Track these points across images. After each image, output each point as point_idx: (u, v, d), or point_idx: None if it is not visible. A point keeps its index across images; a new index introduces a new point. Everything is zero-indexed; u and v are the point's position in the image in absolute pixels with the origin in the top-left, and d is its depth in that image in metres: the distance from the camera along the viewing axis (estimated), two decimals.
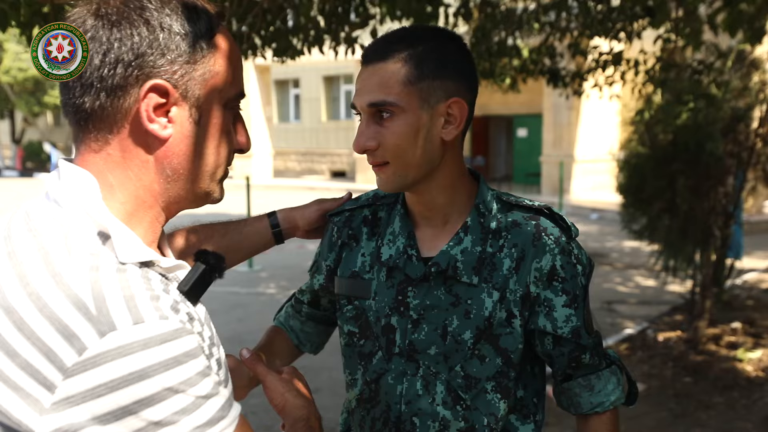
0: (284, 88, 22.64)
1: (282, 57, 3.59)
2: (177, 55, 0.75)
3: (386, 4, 3.88)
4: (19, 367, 0.66)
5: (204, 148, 0.80)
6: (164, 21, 0.75)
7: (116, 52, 0.73)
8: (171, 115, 0.76)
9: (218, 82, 0.79)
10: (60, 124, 29.71)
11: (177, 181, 0.79)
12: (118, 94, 0.74)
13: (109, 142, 0.76)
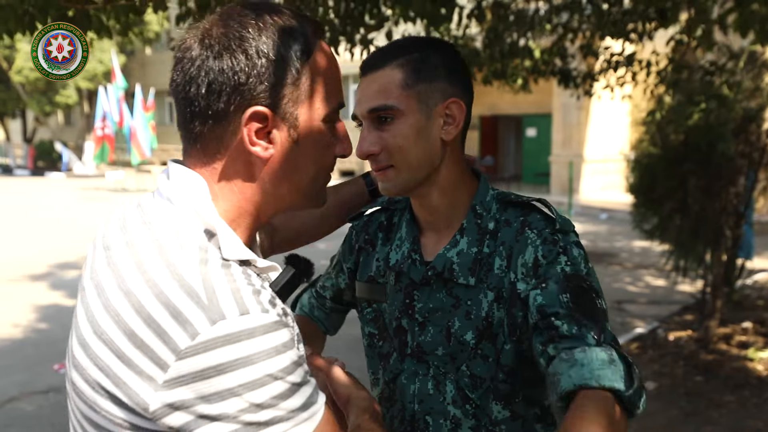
0: None
1: None
2: (275, 81, 0.80)
3: (400, 6, 3.92)
4: (135, 346, 0.73)
5: (303, 163, 0.86)
6: (262, 49, 0.79)
7: (219, 82, 0.79)
8: (271, 137, 0.82)
9: (315, 101, 0.84)
10: (71, 123, 29.91)
11: (277, 193, 0.86)
12: (223, 122, 0.81)
13: (216, 160, 0.83)
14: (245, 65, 0.79)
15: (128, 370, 0.73)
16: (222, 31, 0.80)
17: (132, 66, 25.57)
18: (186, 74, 0.81)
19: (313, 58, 0.84)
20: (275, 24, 0.81)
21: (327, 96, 0.86)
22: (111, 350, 0.74)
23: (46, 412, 4.09)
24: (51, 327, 5.89)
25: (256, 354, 0.73)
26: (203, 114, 0.81)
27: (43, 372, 4.74)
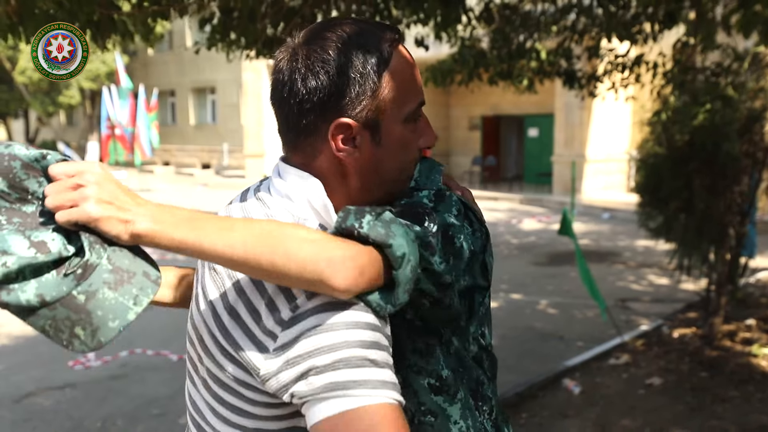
0: None
1: None
2: (355, 94, 0.91)
3: (411, 9, 4.00)
4: (253, 320, 0.87)
5: (388, 161, 0.96)
6: (342, 68, 0.90)
7: (307, 101, 0.91)
8: (356, 142, 0.93)
9: (395, 106, 0.94)
10: (73, 123, 29.98)
11: (369, 186, 0.97)
12: (313, 134, 0.94)
13: (311, 164, 0.96)
14: (328, 84, 0.90)
15: (247, 340, 0.87)
16: (306, 53, 0.91)
17: (135, 66, 25.65)
18: (280, 93, 0.93)
19: (390, 68, 0.93)
20: (353, 42, 0.91)
21: (405, 98, 0.95)
22: (237, 323, 0.88)
23: (64, 407, 4.17)
24: None
25: (339, 323, 0.83)
26: (297, 127, 0.94)
27: (59, 368, 4.82)
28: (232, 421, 0.94)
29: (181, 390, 4.66)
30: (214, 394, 0.95)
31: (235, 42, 3.32)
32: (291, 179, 0.96)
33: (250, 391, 0.90)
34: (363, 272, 0.80)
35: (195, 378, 1.01)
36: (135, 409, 4.12)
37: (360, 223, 0.83)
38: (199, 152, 25.63)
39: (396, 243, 0.82)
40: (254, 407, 0.92)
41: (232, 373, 0.91)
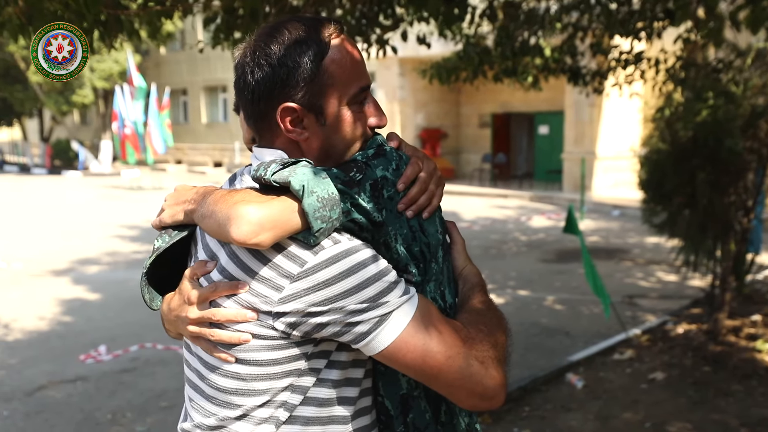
0: None
1: None
2: (295, 82, 1.04)
3: (414, 6, 4.04)
4: (258, 280, 1.01)
5: (335, 139, 1.10)
6: (282, 59, 1.04)
7: (256, 91, 1.06)
8: (304, 124, 1.07)
9: (336, 90, 1.06)
10: (86, 122, 30.25)
11: (323, 160, 1.10)
12: (267, 119, 1.09)
13: (274, 142, 1.11)
14: (271, 75, 1.04)
15: (252, 296, 1.01)
16: (253, 50, 1.06)
17: (147, 65, 25.84)
18: (238, 86, 1.09)
19: (327, 58, 1.05)
20: (292, 37, 1.05)
21: (347, 83, 1.07)
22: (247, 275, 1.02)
23: (75, 400, 4.26)
24: (75, 320, 6.08)
25: (356, 265, 0.99)
26: (254, 115, 1.10)
27: (70, 362, 4.92)
28: (226, 370, 1.05)
29: None
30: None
31: (240, 41, 3.37)
32: (260, 153, 1.11)
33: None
34: (260, 223, 0.95)
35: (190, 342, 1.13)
36: (144, 402, 4.20)
37: (266, 172, 0.99)
38: (211, 150, 25.79)
39: (294, 179, 0.97)
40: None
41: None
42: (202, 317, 1.04)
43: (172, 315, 1.09)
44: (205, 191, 1.08)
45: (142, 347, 5.24)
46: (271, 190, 0.99)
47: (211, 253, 1.06)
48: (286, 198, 0.97)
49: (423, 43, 3.96)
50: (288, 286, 0.98)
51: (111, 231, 11.24)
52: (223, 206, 0.99)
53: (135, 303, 6.61)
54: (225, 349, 1.03)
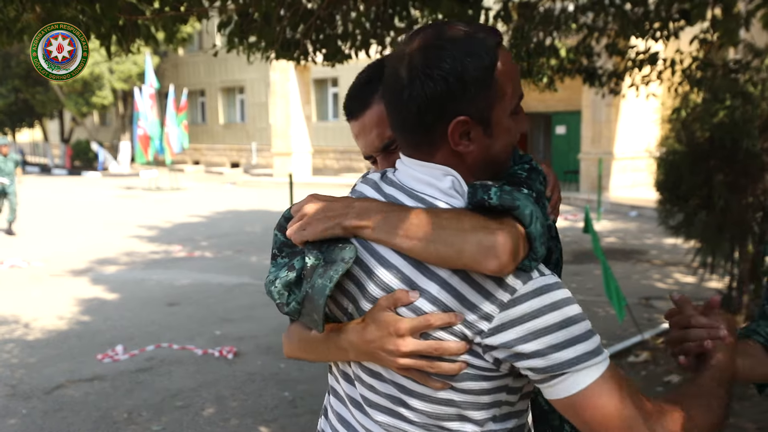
0: (323, 87, 22.96)
1: (332, 61, 3.80)
2: (470, 95, 1.01)
3: (428, 8, 4.05)
4: (466, 307, 0.99)
5: (497, 149, 1.08)
6: (457, 72, 0.99)
7: (425, 104, 1.01)
8: (471, 136, 1.04)
9: (503, 101, 1.04)
10: (106, 123, 30.61)
11: (478, 172, 1.08)
12: (432, 133, 1.04)
13: (433, 155, 1.06)
14: (443, 89, 1.00)
15: (463, 326, 0.98)
16: (424, 61, 1.01)
17: (165, 67, 26.08)
18: (399, 97, 1.03)
19: (497, 69, 1.02)
20: (465, 49, 1.00)
21: (512, 94, 1.05)
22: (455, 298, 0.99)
23: (92, 398, 4.31)
24: (93, 319, 6.16)
25: (561, 300, 0.98)
26: (416, 127, 1.04)
27: (88, 361, 4.99)
28: (436, 398, 1.04)
29: (204, 383, 4.75)
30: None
31: (254, 44, 3.41)
32: (426, 170, 1.06)
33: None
34: (512, 253, 0.94)
35: (374, 368, 1.09)
36: (160, 402, 4.25)
37: (488, 195, 0.98)
38: (228, 151, 25.96)
39: (522, 204, 0.97)
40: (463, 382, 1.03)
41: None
42: (418, 350, 1.00)
43: (370, 347, 1.03)
44: (370, 207, 1.03)
45: (159, 347, 5.30)
46: (486, 211, 0.98)
47: (406, 281, 1.00)
48: (515, 224, 0.97)
49: None
50: (497, 316, 0.97)
51: (129, 231, 11.37)
52: (457, 232, 0.96)
53: (151, 303, 6.71)
54: (438, 378, 1.02)
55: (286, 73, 19.42)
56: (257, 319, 6.02)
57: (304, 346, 1.17)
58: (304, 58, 3.66)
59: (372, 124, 1.19)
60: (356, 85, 1.24)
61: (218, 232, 11.24)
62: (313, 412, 4.07)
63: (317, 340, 1.13)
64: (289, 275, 1.06)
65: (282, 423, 3.93)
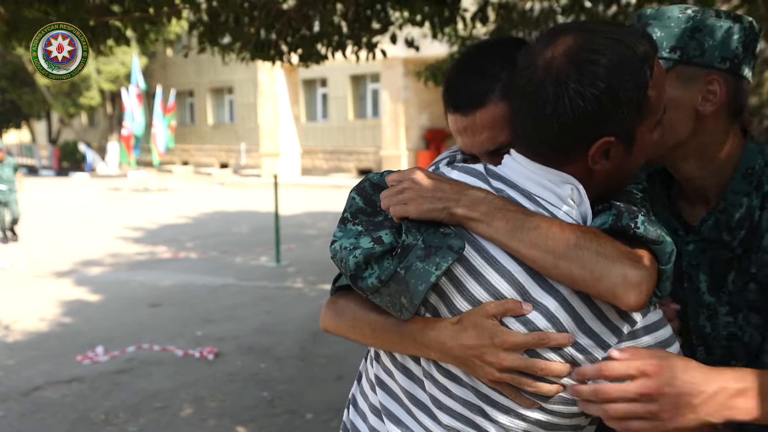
0: (312, 88, 22.95)
1: (307, 62, 3.81)
2: (621, 115, 0.92)
3: (407, 9, 4.07)
4: (599, 319, 0.94)
5: (632, 166, 1.00)
6: (613, 93, 0.90)
7: (571, 122, 0.92)
8: (610, 154, 0.95)
9: (650, 117, 0.96)
10: (94, 124, 30.46)
11: (608, 186, 1.00)
12: (569, 149, 0.96)
13: (562, 166, 0.97)
14: (598, 109, 0.91)
15: (575, 350, 0.94)
16: (575, 75, 0.91)
17: (153, 68, 25.99)
18: (541, 110, 0.93)
19: (651, 85, 0.93)
20: (622, 64, 0.91)
21: (659, 106, 0.98)
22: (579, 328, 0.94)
23: (70, 400, 4.30)
24: (75, 321, 6.13)
25: (669, 338, 0.97)
26: (552, 142, 0.95)
27: (67, 363, 4.97)
28: (521, 414, 0.98)
29: (183, 384, 4.74)
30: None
31: (229, 46, 3.41)
32: (544, 173, 0.98)
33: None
34: (649, 290, 0.91)
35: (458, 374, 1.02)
36: (138, 403, 4.25)
37: (635, 223, 0.92)
38: (217, 152, 25.91)
39: (666, 241, 0.93)
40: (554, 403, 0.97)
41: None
42: (520, 367, 0.93)
43: (467, 353, 0.95)
44: (485, 198, 0.95)
45: (139, 348, 5.29)
46: (620, 236, 0.93)
47: (519, 289, 0.94)
48: (651, 257, 0.92)
49: (411, 47, 3.99)
50: (615, 346, 0.92)
51: (115, 232, 11.33)
52: (598, 257, 0.90)
53: (134, 304, 6.69)
54: (529, 396, 0.96)
55: (274, 74, 19.40)
56: (239, 320, 6.02)
57: (362, 328, 1.07)
58: (279, 58, 3.67)
59: (485, 125, 1.08)
60: (465, 74, 1.11)
61: (204, 233, 11.22)
62: (292, 411, 4.08)
63: (385, 327, 1.03)
64: (375, 248, 0.96)
65: (260, 423, 3.94)
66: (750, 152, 1.14)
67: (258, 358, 5.03)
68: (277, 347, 5.27)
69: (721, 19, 1.11)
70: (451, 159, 1.16)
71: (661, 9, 1.14)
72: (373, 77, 20.67)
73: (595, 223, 0.95)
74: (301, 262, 8.46)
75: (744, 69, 1.13)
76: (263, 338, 5.51)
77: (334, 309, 1.13)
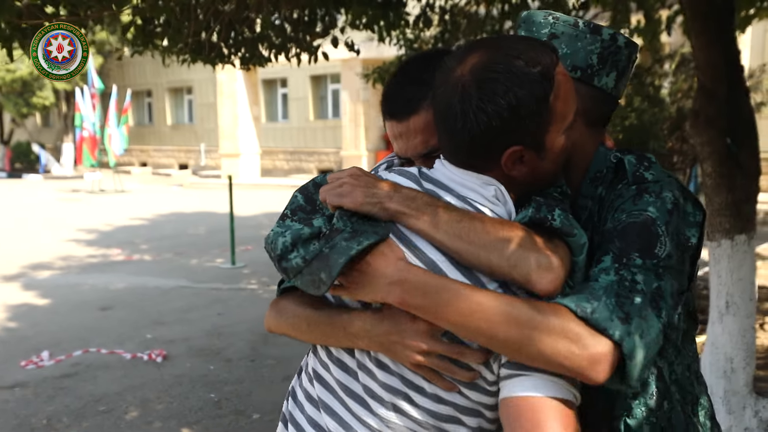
0: (272, 88, 22.83)
1: (249, 65, 3.83)
2: (524, 127, 1.00)
3: (350, 13, 4.11)
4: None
5: (547, 169, 1.07)
6: (513, 107, 0.98)
7: (478, 135, 1.00)
8: (523, 160, 1.03)
9: (557, 124, 1.03)
10: (48, 124, 29.75)
11: (530, 186, 1.08)
12: (484, 158, 1.03)
13: (483, 172, 1.05)
14: (500, 122, 0.98)
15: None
16: (476, 93, 0.98)
17: (110, 67, 25.51)
18: (453, 124, 1.02)
19: (552, 95, 1.00)
20: (519, 77, 0.97)
21: (567, 114, 1.04)
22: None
23: (12, 406, 4.24)
24: (20, 325, 6.03)
25: None
26: (469, 152, 1.03)
27: (10, 368, 4.89)
28: (444, 399, 1.02)
29: (130, 387, 4.70)
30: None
31: (167, 48, 3.41)
32: (468, 177, 1.05)
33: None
34: (559, 277, 0.95)
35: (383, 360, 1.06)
36: (82, 407, 4.21)
37: (552, 216, 0.99)
38: (177, 152, 25.58)
39: (579, 233, 1.00)
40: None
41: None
42: (438, 351, 0.99)
43: (389, 338, 1.01)
44: (419, 197, 1.02)
45: (86, 352, 5.23)
46: (538, 228, 0.99)
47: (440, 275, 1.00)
48: (565, 248, 0.99)
49: (352, 50, 4.03)
50: None
51: (67, 234, 11.12)
52: (513, 246, 0.96)
53: (83, 307, 6.59)
54: (450, 379, 1.01)
55: (233, 74, 19.24)
56: (190, 322, 5.99)
57: (300, 324, 1.13)
58: (221, 61, 3.69)
59: (418, 130, 1.15)
60: (401, 83, 1.19)
61: (160, 235, 11.10)
62: (238, 412, 4.10)
63: (320, 320, 1.09)
64: (304, 230, 1.03)
65: (205, 424, 3.94)
66: (599, 156, 1.20)
67: (207, 360, 5.02)
68: (227, 349, 5.27)
69: (577, 29, 1.16)
70: (389, 164, 1.22)
71: (530, 13, 1.21)
72: (334, 78, 20.66)
73: (517, 218, 1.02)
74: (256, 264, 8.44)
75: (599, 80, 1.17)
76: (214, 340, 5.50)
77: (276, 309, 1.19)
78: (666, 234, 1.02)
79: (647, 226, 1.02)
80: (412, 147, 1.16)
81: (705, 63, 3.02)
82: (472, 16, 5.35)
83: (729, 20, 3.09)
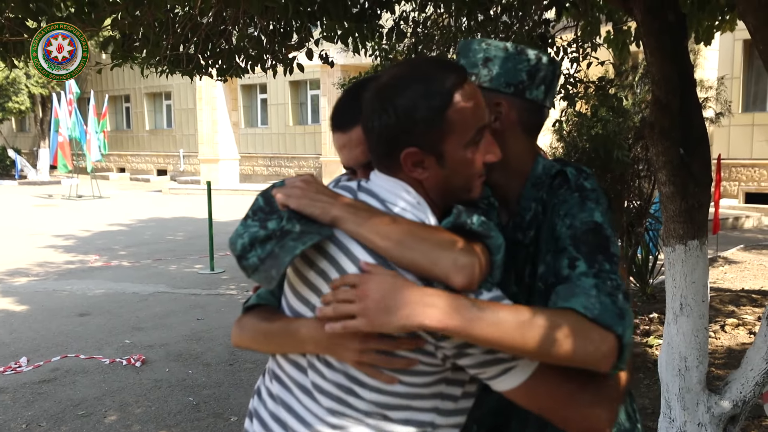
0: (251, 93, 22.86)
1: (226, 76, 3.93)
2: (419, 131, 1.14)
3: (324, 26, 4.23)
4: None
5: (455, 178, 1.19)
6: (406, 110, 1.13)
7: (381, 135, 1.16)
8: (424, 165, 1.16)
9: (456, 134, 1.15)
10: (24, 130, 29.45)
11: (442, 196, 1.21)
12: (389, 159, 1.18)
13: (395, 174, 1.20)
14: (395, 123, 1.14)
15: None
16: (382, 95, 1.16)
17: (87, 72, 25.34)
18: (365, 126, 1.19)
19: (450, 108, 1.14)
20: (418, 88, 1.14)
21: (466, 128, 1.16)
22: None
23: None
24: None
25: None
26: (378, 153, 1.20)
27: None
28: (386, 390, 1.13)
29: (109, 392, 4.76)
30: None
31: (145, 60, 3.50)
32: (383, 180, 1.20)
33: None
34: (476, 274, 1.08)
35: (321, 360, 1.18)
36: (61, 411, 4.27)
37: (471, 220, 1.13)
38: (155, 158, 25.47)
39: (495, 235, 1.14)
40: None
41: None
42: (373, 347, 1.10)
43: (331, 341, 1.12)
44: (355, 205, 1.15)
45: (65, 357, 5.28)
46: (460, 232, 1.12)
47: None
48: (483, 248, 1.12)
49: (326, 63, 4.15)
50: None
51: (44, 241, 11.08)
52: (434, 246, 1.08)
53: (61, 313, 6.63)
54: (388, 372, 1.11)
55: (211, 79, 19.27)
56: (169, 327, 6.05)
57: (258, 337, 1.27)
58: (198, 72, 3.78)
59: (358, 140, 1.27)
60: (345, 99, 1.34)
61: (138, 241, 11.11)
62: (216, 415, 4.18)
63: (274, 332, 1.22)
64: (259, 232, 1.17)
65: (184, 427, 4.03)
66: (538, 164, 1.36)
67: (186, 365, 5.09)
68: (206, 353, 5.35)
69: (507, 52, 1.33)
70: (337, 181, 1.37)
71: (466, 42, 1.38)
72: (313, 84, 20.76)
73: (442, 223, 1.16)
74: (235, 269, 8.49)
75: (530, 93, 1.34)
76: (192, 345, 5.57)
77: (239, 326, 1.33)
78: (611, 234, 1.23)
79: (600, 231, 1.22)
80: (353, 157, 1.30)
81: (659, 77, 3.16)
82: (445, 28, 5.50)
83: (682, 36, 3.25)
